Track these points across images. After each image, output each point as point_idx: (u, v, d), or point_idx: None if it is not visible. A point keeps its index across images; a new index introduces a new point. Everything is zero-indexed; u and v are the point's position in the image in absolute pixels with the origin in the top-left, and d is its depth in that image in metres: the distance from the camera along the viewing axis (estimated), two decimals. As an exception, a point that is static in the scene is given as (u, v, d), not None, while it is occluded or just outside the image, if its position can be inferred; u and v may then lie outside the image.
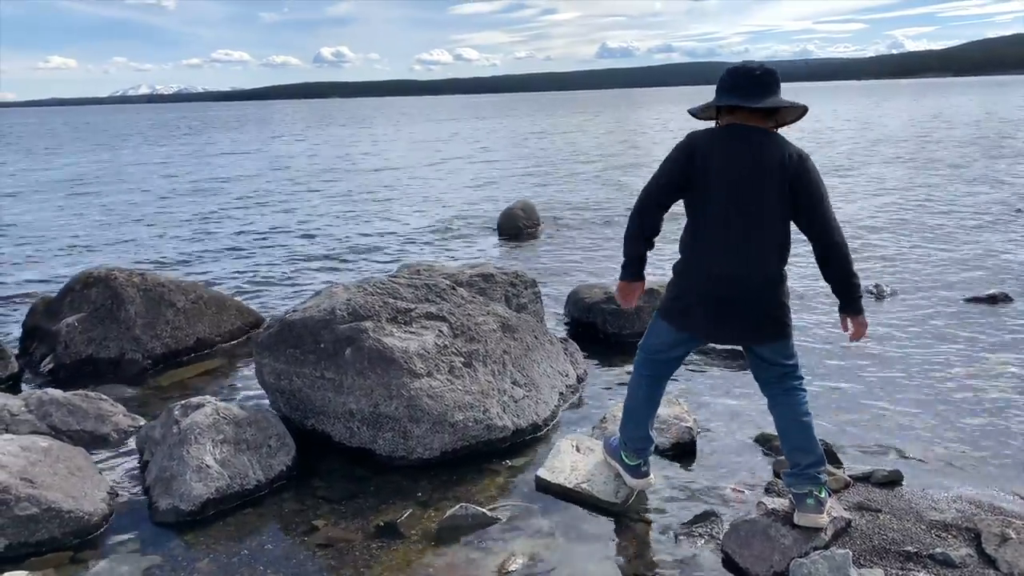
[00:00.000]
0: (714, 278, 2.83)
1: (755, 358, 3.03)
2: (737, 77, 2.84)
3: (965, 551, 2.84)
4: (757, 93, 2.79)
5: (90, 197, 16.18)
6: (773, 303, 2.87)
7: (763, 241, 2.81)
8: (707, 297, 2.86)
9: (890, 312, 6.19)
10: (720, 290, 2.83)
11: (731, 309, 2.84)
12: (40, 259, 9.80)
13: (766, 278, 2.84)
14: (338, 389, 3.91)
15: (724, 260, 2.81)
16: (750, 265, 2.81)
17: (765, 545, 2.85)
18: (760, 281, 2.83)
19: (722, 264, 2.82)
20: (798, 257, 7.90)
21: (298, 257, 9.55)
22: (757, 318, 2.86)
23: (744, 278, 2.81)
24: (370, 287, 4.38)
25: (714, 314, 2.87)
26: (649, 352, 3.18)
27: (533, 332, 4.67)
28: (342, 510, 3.42)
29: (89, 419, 4.20)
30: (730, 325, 2.89)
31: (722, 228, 2.81)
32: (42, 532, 3.12)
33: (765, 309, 2.86)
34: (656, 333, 3.13)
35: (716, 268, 2.83)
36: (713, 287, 2.84)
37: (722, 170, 2.79)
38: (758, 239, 2.81)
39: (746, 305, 2.84)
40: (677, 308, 2.98)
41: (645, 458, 3.36)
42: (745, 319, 2.86)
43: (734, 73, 2.86)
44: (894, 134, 26.88)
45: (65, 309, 5.62)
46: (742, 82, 2.82)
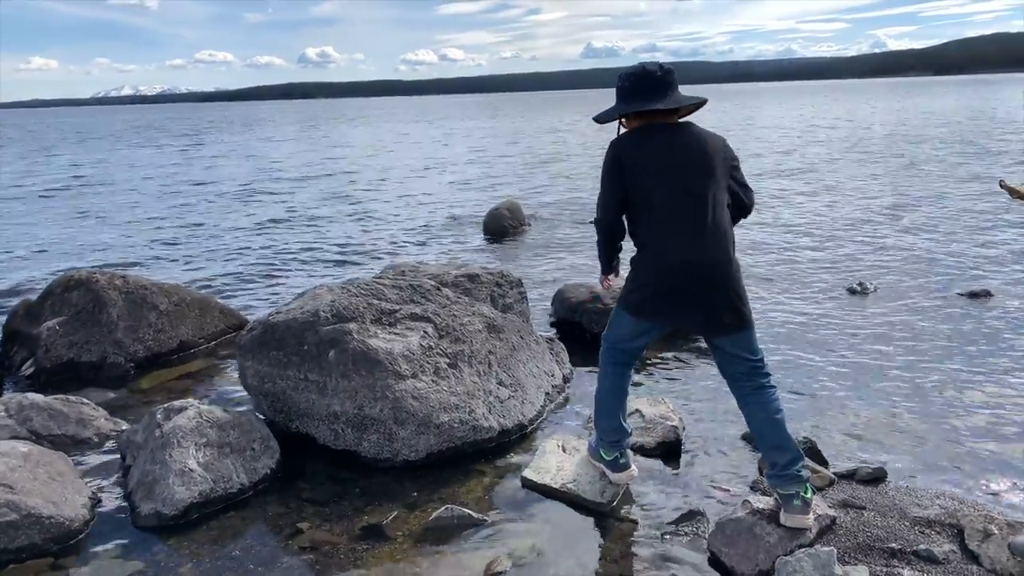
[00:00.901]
0: (672, 267, 2.85)
1: (721, 353, 3.03)
2: (644, 81, 2.95)
3: (948, 547, 2.86)
4: (666, 93, 2.93)
5: (71, 199, 16.02)
6: (731, 284, 2.87)
7: (715, 225, 2.86)
8: (666, 286, 2.88)
9: (873, 309, 6.23)
10: (679, 277, 2.85)
11: (691, 295, 2.85)
12: (20, 262, 9.69)
13: (721, 260, 2.85)
14: (322, 391, 3.88)
15: (679, 247, 2.83)
16: (706, 248, 2.83)
17: (750, 544, 2.86)
18: (717, 263, 2.84)
19: (678, 251, 2.84)
20: (789, 252, 7.88)
21: (281, 259, 9.50)
22: (717, 301, 2.86)
23: (701, 262, 2.83)
24: (354, 288, 4.36)
25: (674, 301, 2.88)
26: (612, 342, 3.22)
27: (519, 332, 4.67)
28: (327, 513, 3.40)
29: (70, 423, 4.15)
30: (691, 310, 2.90)
31: (673, 219, 2.85)
32: (22, 538, 3.08)
33: (724, 292, 2.86)
34: (618, 324, 3.17)
35: (673, 256, 2.85)
36: (672, 275, 2.85)
37: (662, 168, 2.86)
38: (710, 223, 2.85)
39: (705, 289, 2.84)
40: (635, 300, 3.00)
41: (622, 450, 3.39)
42: (705, 303, 2.86)
43: (638, 77, 2.96)
44: (877, 132, 27.09)
45: (46, 312, 5.55)
46: (650, 85, 2.93)
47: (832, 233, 9.56)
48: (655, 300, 2.93)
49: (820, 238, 9.31)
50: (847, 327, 5.79)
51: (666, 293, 2.88)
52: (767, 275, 7.54)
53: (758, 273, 7.63)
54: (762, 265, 7.99)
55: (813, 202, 12.16)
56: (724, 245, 2.87)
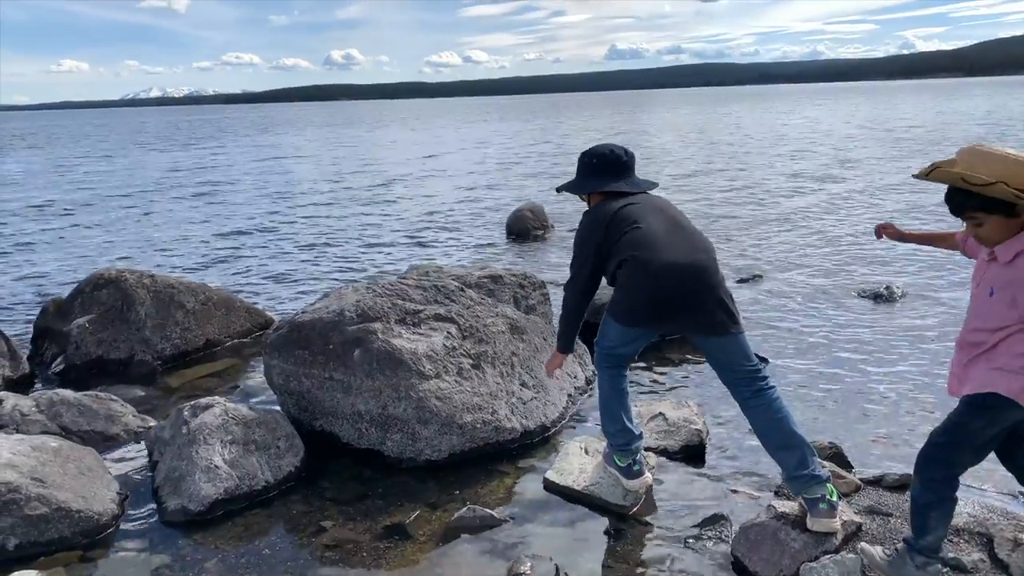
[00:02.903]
0: (666, 268, 2.90)
1: (716, 360, 3.07)
2: (609, 162, 3.21)
3: (977, 556, 2.81)
4: (629, 175, 3.24)
5: (101, 199, 16.27)
6: (721, 284, 2.96)
7: (699, 237, 3.08)
8: (661, 289, 2.92)
9: (902, 314, 6.15)
10: (673, 278, 2.90)
11: (684, 296, 2.91)
12: (51, 261, 9.86)
13: (710, 263, 2.96)
14: (347, 390, 3.91)
15: (672, 251, 2.93)
16: (696, 251, 2.97)
17: (775, 549, 2.83)
18: (707, 265, 2.94)
19: (671, 254, 2.92)
20: (814, 258, 7.80)
21: (307, 258, 9.58)
22: (710, 299, 2.92)
23: (693, 263, 2.92)
24: (379, 288, 4.38)
25: (669, 305, 2.94)
26: (605, 348, 3.26)
27: (542, 334, 4.67)
28: (350, 511, 3.42)
29: (99, 419, 4.22)
30: (686, 312, 2.93)
31: (663, 233, 2.99)
32: (52, 532, 3.14)
33: (715, 291, 2.93)
34: (609, 332, 3.21)
35: (667, 259, 2.91)
36: (667, 276, 2.90)
37: (643, 213, 3.06)
38: (696, 235, 3.08)
39: (698, 288, 2.91)
40: (625, 309, 3.06)
41: (635, 457, 3.38)
42: (699, 302, 2.91)
43: (604, 159, 3.21)
44: (909, 134, 26.73)
45: (76, 310, 5.65)
46: (616, 166, 3.22)
47: (856, 235, 9.45)
48: (649, 306, 2.97)
49: (845, 242, 9.21)
50: (872, 333, 5.71)
51: (661, 297, 2.93)
52: (791, 280, 7.48)
53: (776, 280, 7.56)
54: (786, 270, 7.92)
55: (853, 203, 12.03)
56: (711, 252, 3.03)
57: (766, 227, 10.42)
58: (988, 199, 2.23)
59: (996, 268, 2.33)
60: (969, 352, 2.42)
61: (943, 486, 2.50)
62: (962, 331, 2.48)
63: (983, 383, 2.35)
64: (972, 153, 2.28)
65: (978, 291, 2.42)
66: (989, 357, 2.35)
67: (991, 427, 2.40)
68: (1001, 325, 2.30)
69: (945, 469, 2.48)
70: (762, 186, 14.68)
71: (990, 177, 2.18)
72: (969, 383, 2.40)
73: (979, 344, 2.38)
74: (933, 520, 2.54)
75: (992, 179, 2.18)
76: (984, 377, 2.35)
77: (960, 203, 2.31)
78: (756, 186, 14.72)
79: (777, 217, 11.23)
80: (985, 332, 2.36)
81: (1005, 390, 2.29)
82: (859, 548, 2.80)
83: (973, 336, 2.41)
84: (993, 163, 2.21)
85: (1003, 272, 2.30)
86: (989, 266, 2.38)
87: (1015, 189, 2.17)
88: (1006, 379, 2.29)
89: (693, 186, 15.12)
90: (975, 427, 2.41)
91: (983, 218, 2.28)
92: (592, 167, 3.23)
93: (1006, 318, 2.28)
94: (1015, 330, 2.28)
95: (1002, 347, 2.32)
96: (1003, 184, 2.17)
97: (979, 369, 2.38)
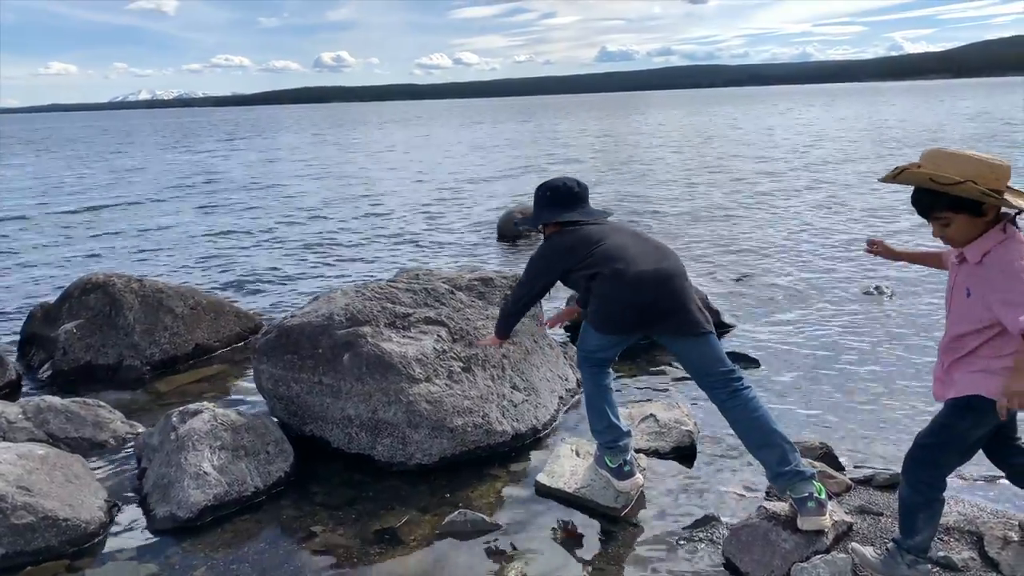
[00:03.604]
0: (644, 275, 3.03)
1: (691, 364, 3.15)
2: (562, 194, 3.34)
3: (967, 554, 2.82)
4: (582, 203, 3.36)
5: (87, 202, 16.18)
6: (691, 290, 3.14)
7: (666, 248, 3.25)
8: (640, 296, 3.03)
9: (891, 313, 6.17)
10: (650, 284, 3.03)
11: (661, 301, 3.03)
12: (38, 265, 9.79)
13: (681, 269, 3.15)
14: (336, 395, 3.89)
15: (647, 261, 3.09)
16: (668, 259, 3.15)
17: (766, 550, 2.83)
18: (678, 271, 3.12)
19: (647, 263, 3.07)
20: (804, 257, 7.83)
21: (297, 262, 9.55)
22: (685, 302, 3.06)
23: (668, 270, 3.08)
24: (368, 292, 4.37)
25: (647, 311, 3.05)
26: (586, 352, 3.35)
27: (532, 336, 4.66)
28: (340, 516, 3.40)
29: (87, 426, 4.19)
30: (663, 316, 3.04)
31: (634, 246, 3.16)
32: (39, 541, 3.11)
33: (689, 295, 3.09)
34: (589, 339, 3.30)
35: (643, 267, 3.05)
36: (644, 283, 3.03)
37: (606, 232, 3.22)
38: (663, 246, 3.26)
39: (674, 292, 3.05)
40: (603, 320, 3.15)
41: (625, 457, 3.39)
42: (676, 305, 3.04)
43: (556, 191, 3.34)
44: (898, 135, 26.88)
45: (64, 315, 5.61)
46: (569, 198, 3.34)
47: (847, 234, 9.49)
48: (628, 315, 3.07)
49: (836, 241, 9.24)
50: (862, 331, 5.73)
51: (639, 304, 3.03)
52: (781, 278, 7.50)
53: (768, 280, 7.58)
54: (776, 269, 7.94)
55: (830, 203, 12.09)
56: (678, 259, 3.21)
57: (756, 225, 10.45)
58: (956, 198, 2.27)
59: (967, 269, 2.37)
60: (951, 356, 2.46)
61: (930, 488, 2.52)
62: (943, 337, 2.52)
63: (967, 386, 2.39)
64: (938, 154, 2.33)
65: (954, 295, 2.46)
66: (971, 360, 2.39)
67: (976, 428, 2.42)
68: (979, 327, 2.34)
69: (932, 470, 2.50)
70: (753, 186, 14.73)
71: (959, 176, 2.23)
72: (953, 387, 2.44)
73: (960, 348, 2.42)
74: (921, 521, 2.55)
75: (961, 178, 2.22)
76: (968, 380, 2.39)
77: (928, 204, 2.36)
78: (746, 186, 14.77)
79: (767, 216, 11.27)
80: (966, 336, 2.40)
81: (988, 392, 2.33)
82: (850, 548, 2.80)
83: (953, 343, 2.45)
84: (961, 163, 2.26)
85: (974, 271, 2.34)
86: (960, 268, 2.42)
87: (983, 187, 2.21)
88: (989, 381, 2.33)
89: (684, 186, 15.16)
90: (961, 429, 2.44)
91: (951, 218, 2.32)
92: (547, 199, 3.35)
93: (983, 319, 2.31)
94: (994, 333, 2.31)
95: (983, 350, 2.36)
96: (972, 183, 2.22)
97: (962, 372, 2.42)
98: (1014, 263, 2.22)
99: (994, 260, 2.27)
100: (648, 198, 13.86)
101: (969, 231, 2.32)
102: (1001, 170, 2.26)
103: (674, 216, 11.71)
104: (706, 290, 6.30)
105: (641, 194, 14.51)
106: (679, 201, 13.24)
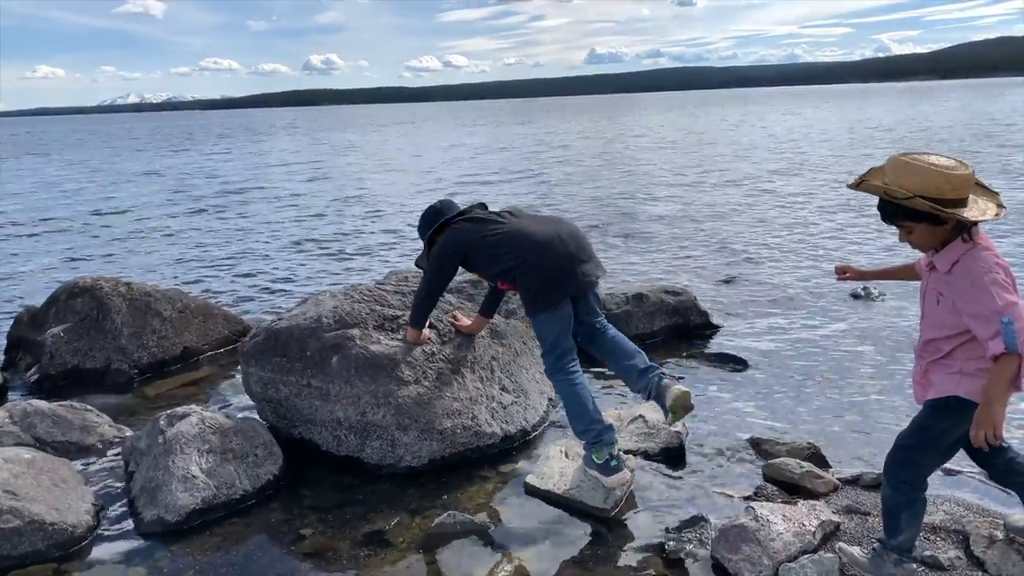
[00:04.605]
0: (551, 240, 3.50)
1: (586, 308, 3.63)
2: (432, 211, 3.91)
3: (954, 553, 2.84)
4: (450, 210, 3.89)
5: (75, 206, 16.09)
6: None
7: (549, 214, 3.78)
8: (555, 265, 3.47)
9: (879, 314, 6.20)
10: (561, 244, 3.50)
11: (574, 254, 3.51)
12: (24, 269, 9.73)
13: (576, 228, 3.70)
14: (325, 397, 3.88)
15: (545, 231, 3.55)
16: (563, 223, 3.71)
17: (754, 549, 2.84)
18: (575, 229, 3.67)
19: (545, 233, 3.54)
20: (793, 259, 7.85)
21: (285, 264, 9.52)
22: (591, 252, 3.63)
23: (569, 230, 3.62)
24: (357, 294, 4.36)
25: (570, 266, 3.48)
26: (550, 349, 3.56)
27: (521, 338, 4.66)
28: (330, 519, 3.40)
29: (74, 430, 4.16)
30: (581, 264, 3.51)
31: (526, 224, 3.65)
32: (25, 545, 3.09)
33: (590, 247, 3.65)
34: (543, 332, 3.57)
35: (547, 241, 3.50)
36: (555, 245, 3.49)
37: (492, 216, 3.77)
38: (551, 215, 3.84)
39: (580, 246, 3.57)
40: (539, 295, 3.49)
41: (610, 451, 3.42)
42: (586, 256, 3.56)
43: (425, 213, 3.92)
44: (886, 135, 27.05)
45: (50, 319, 5.57)
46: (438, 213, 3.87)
47: (837, 236, 9.55)
48: (555, 278, 3.46)
49: (825, 242, 9.29)
50: (850, 333, 5.77)
51: (558, 266, 3.46)
52: (769, 280, 7.53)
53: (756, 281, 7.62)
54: (765, 270, 7.98)
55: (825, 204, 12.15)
56: (568, 221, 3.79)
57: (744, 227, 10.49)
58: (911, 210, 2.32)
59: (937, 276, 2.41)
60: (927, 359, 2.51)
61: (911, 488, 2.55)
62: (919, 341, 2.57)
63: (944, 387, 2.44)
64: (896, 164, 2.37)
65: (926, 300, 2.52)
66: (947, 363, 2.44)
67: (955, 428, 2.46)
68: (953, 332, 2.39)
69: (913, 471, 2.53)
70: (742, 188, 14.79)
71: (910, 190, 2.28)
72: (932, 389, 2.49)
73: (935, 352, 2.48)
74: (904, 521, 2.58)
75: (910, 192, 2.28)
76: (945, 381, 2.44)
77: (889, 213, 2.41)
78: (735, 188, 14.83)
79: (756, 217, 11.32)
80: (940, 340, 2.45)
81: (966, 392, 2.38)
82: (837, 547, 2.82)
83: (928, 346, 2.51)
84: (916, 174, 2.30)
85: (944, 279, 2.39)
86: (931, 275, 2.47)
87: (932, 201, 2.25)
88: (966, 382, 2.38)
89: (673, 188, 15.21)
90: (940, 429, 2.48)
91: (912, 226, 2.39)
92: (423, 224, 3.89)
93: (955, 325, 2.36)
94: (967, 339, 2.36)
95: (958, 352, 2.41)
96: (920, 198, 2.26)
97: (940, 375, 2.47)
98: (983, 276, 2.26)
99: (962, 271, 2.32)
100: (638, 198, 13.90)
101: (931, 238, 2.39)
102: (957, 179, 2.28)
103: (663, 217, 11.74)
104: (694, 290, 6.33)
105: (631, 194, 14.55)
106: (668, 202, 13.27)
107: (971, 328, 2.29)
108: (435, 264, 3.76)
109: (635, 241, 9.84)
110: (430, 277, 3.80)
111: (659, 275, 7.89)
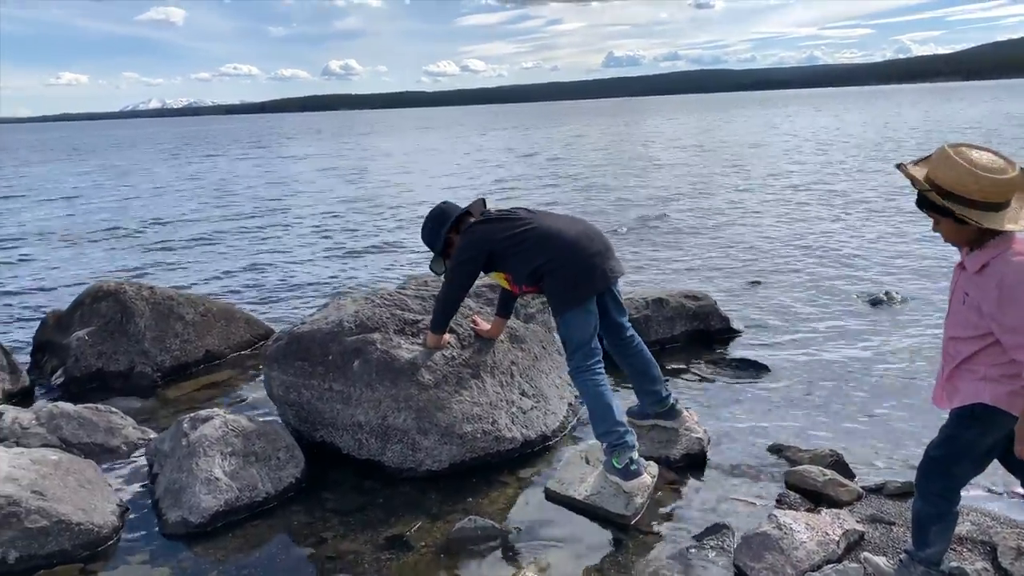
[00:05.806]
0: (579, 238, 3.57)
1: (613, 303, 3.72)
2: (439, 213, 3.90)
3: (981, 565, 2.80)
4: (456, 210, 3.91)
5: (97, 211, 16.30)
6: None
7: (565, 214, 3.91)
8: (583, 263, 3.52)
9: (902, 320, 6.14)
10: (587, 242, 3.57)
11: (598, 251, 3.58)
12: (50, 274, 9.87)
13: (594, 226, 3.76)
14: (346, 401, 3.90)
15: (568, 230, 3.60)
16: (576, 221, 3.76)
17: (777, 558, 2.82)
18: (593, 227, 3.75)
19: (569, 233, 3.58)
20: (814, 264, 7.78)
21: (306, 269, 9.58)
22: (612, 250, 3.70)
23: (585, 230, 3.67)
24: (378, 299, 4.38)
25: (596, 262, 3.54)
26: (581, 346, 3.55)
27: (541, 342, 4.66)
28: (351, 522, 3.41)
29: (99, 432, 4.21)
30: (604, 260, 3.58)
31: (550, 223, 3.66)
32: (52, 545, 3.13)
33: (610, 244, 3.73)
34: (572, 331, 3.56)
35: (572, 240, 3.55)
36: (582, 243, 3.55)
37: (515, 215, 3.77)
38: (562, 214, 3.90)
39: (603, 243, 3.65)
40: (568, 292, 3.52)
41: (630, 455, 3.40)
42: (609, 253, 3.65)
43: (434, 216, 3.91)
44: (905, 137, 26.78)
45: (75, 323, 5.64)
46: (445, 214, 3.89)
47: (860, 240, 9.46)
48: (583, 274, 3.51)
49: (848, 247, 9.21)
50: (872, 338, 5.71)
51: (585, 263, 3.52)
52: (790, 285, 7.47)
53: (779, 286, 7.56)
54: (786, 275, 7.92)
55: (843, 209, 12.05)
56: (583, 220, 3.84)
57: (766, 232, 10.42)
58: (933, 203, 2.28)
59: (966, 276, 2.37)
60: (950, 363, 2.45)
61: (942, 500, 2.51)
62: (943, 339, 2.51)
63: (969, 394, 2.38)
64: (940, 154, 2.31)
65: (954, 297, 2.46)
66: (971, 368, 2.37)
67: (985, 437, 2.40)
68: (976, 333, 2.33)
69: (944, 481, 2.49)
70: (765, 191, 14.70)
71: (942, 184, 2.24)
72: (957, 395, 2.43)
73: (956, 354, 2.41)
74: (933, 533, 2.54)
75: (928, 185, 2.26)
76: (970, 388, 2.38)
77: (919, 200, 2.38)
78: (758, 191, 14.74)
79: (777, 222, 11.24)
80: (962, 340, 2.39)
81: (990, 399, 2.32)
82: (862, 557, 2.79)
83: (953, 345, 2.44)
84: (948, 169, 2.25)
85: (972, 280, 2.33)
86: (960, 273, 2.42)
87: (958, 200, 2.21)
88: (990, 388, 2.32)
89: (696, 191, 15.14)
90: (968, 439, 2.42)
91: (938, 218, 2.35)
92: (432, 227, 3.88)
93: (979, 326, 2.30)
94: (990, 342, 2.30)
95: (981, 357, 2.34)
96: (935, 194, 2.24)
97: (964, 381, 2.40)
98: (1014, 286, 2.18)
99: (993, 274, 2.24)
100: (660, 201, 13.86)
101: (956, 235, 2.33)
102: (985, 180, 2.18)
103: (685, 220, 11.69)
104: (716, 295, 6.30)
105: (654, 196, 14.51)
106: (690, 205, 13.21)
107: (997, 335, 2.24)
108: (459, 266, 3.75)
109: (656, 245, 9.82)
110: (453, 279, 3.80)
111: (679, 279, 7.86)
